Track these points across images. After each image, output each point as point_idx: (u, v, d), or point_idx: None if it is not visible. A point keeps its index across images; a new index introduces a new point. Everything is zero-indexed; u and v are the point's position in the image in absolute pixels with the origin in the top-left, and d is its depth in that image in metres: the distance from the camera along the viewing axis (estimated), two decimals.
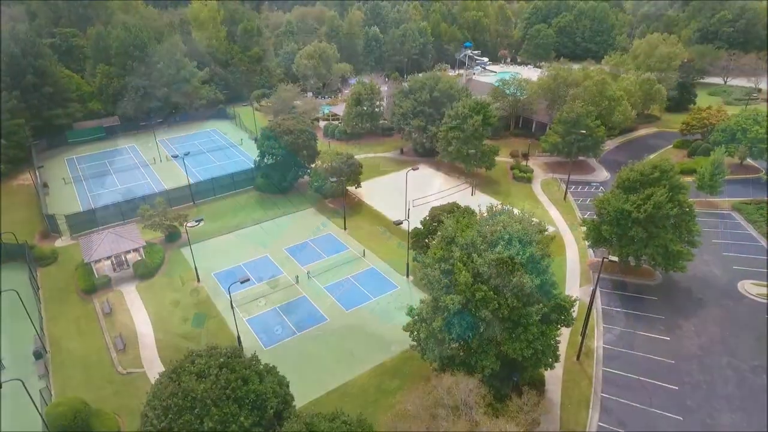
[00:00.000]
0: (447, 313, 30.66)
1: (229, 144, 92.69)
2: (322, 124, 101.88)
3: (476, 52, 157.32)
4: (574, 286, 50.48)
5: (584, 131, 70.73)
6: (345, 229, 62.00)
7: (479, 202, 67.97)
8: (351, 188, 69.45)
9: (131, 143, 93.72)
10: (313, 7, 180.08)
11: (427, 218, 51.18)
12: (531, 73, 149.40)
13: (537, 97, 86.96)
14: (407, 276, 52.70)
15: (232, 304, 42.80)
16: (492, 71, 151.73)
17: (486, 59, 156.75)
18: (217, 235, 61.57)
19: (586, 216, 64.51)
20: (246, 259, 56.51)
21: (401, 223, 48.03)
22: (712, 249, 55.32)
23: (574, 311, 33.33)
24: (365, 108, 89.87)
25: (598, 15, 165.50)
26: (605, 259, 37.37)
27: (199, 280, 52.25)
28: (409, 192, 65.50)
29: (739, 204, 65.25)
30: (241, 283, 39.33)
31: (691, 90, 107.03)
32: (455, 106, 72.89)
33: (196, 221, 49.53)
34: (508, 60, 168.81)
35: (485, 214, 34.61)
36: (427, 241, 50.35)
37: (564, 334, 41.39)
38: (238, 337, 42.61)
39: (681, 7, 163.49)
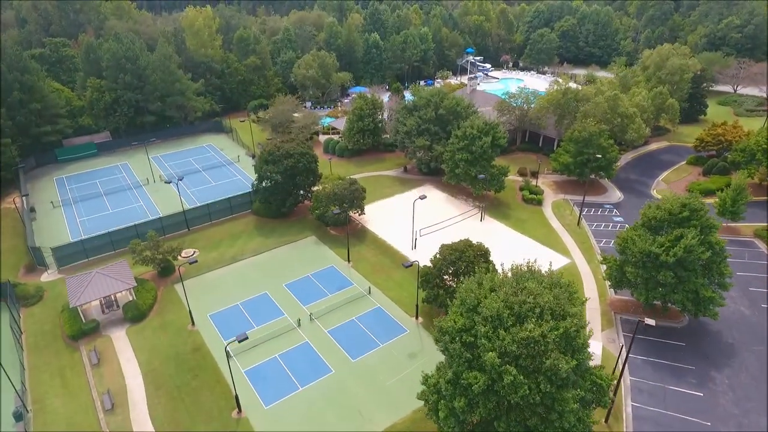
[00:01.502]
0: (470, 392, 27.42)
1: (225, 161, 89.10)
2: (321, 137, 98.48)
3: (478, 58, 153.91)
4: (594, 329, 47.21)
5: (599, 155, 67.50)
6: (348, 261, 58.62)
7: (489, 228, 65.14)
8: (354, 214, 65.95)
9: (124, 161, 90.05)
10: (311, 11, 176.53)
11: (438, 256, 47.82)
12: (534, 80, 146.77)
13: (545, 112, 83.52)
14: (416, 317, 49.38)
15: (228, 360, 39.53)
16: (494, 77, 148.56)
17: (488, 65, 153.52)
18: (214, 268, 58.07)
19: (601, 244, 62.23)
20: (244, 296, 53.05)
21: (411, 265, 44.65)
22: (737, 283, 52.03)
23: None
24: (367, 123, 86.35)
25: (601, 19, 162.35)
26: (641, 323, 33.68)
27: (193, 324, 48.83)
28: (414, 215, 62.11)
29: (761, 230, 62.11)
30: (239, 342, 35.95)
31: (702, 101, 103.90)
32: (462, 125, 69.51)
33: (190, 262, 46.03)
34: (510, 65, 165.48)
35: (509, 274, 31.29)
36: (438, 281, 47.10)
37: None
38: (236, 397, 39.22)
39: (687, 12, 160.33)
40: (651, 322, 32.74)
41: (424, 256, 57.30)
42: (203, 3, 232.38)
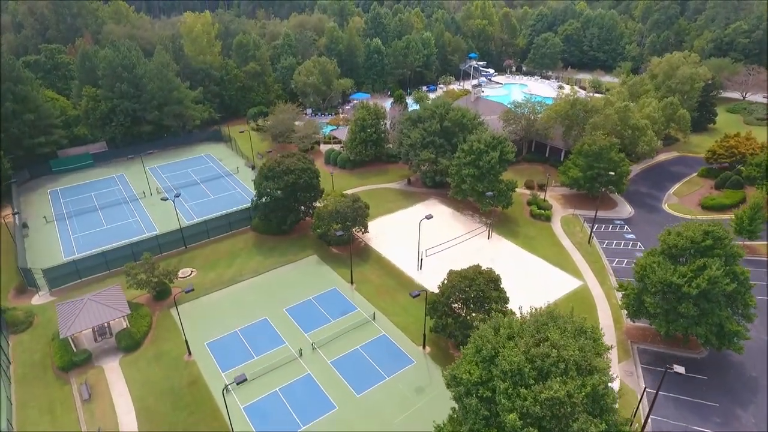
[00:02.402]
0: None
1: (224, 173, 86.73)
2: (322, 147, 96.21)
3: (481, 63, 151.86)
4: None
5: (612, 171, 65.31)
6: (352, 283, 56.37)
7: (497, 247, 62.92)
8: (357, 232, 63.57)
9: (120, 172, 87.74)
10: (311, 15, 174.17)
11: (446, 282, 45.59)
12: (538, 85, 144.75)
13: (553, 123, 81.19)
14: (423, 347, 47.12)
15: (225, 396, 37.33)
16: (498, 83, 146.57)
17: (491, 70, 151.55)
18: (211, 290, 55.79)
19: (613, 264, 59.98)
20: (243, 322, 50.81)
21: (419, 295, 42.41)
22: (758, 309, 49.62)
23: None
24: (369, 134, 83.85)
25: (606, 23, 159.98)
26: (670, 371, 31.09)
27: (190, 353, 46.60)
28: (420, 235, 59.81)
29: None
30: (238, 384, 33.75)
31: (711, 109, 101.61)
32: (469, 139, 67.29)
33: (186, 290, 43.74)
34: (513, 69, 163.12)
35: (528, 317, 29.07)
36: (446, 309, 44.87)
37: None
38: None
39: (693, 16, 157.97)
40: (680, 369, 30.48)
41: (430, 278, 55.53)
42: (203, 3, 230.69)
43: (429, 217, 55.41)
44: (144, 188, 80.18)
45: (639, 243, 64.06)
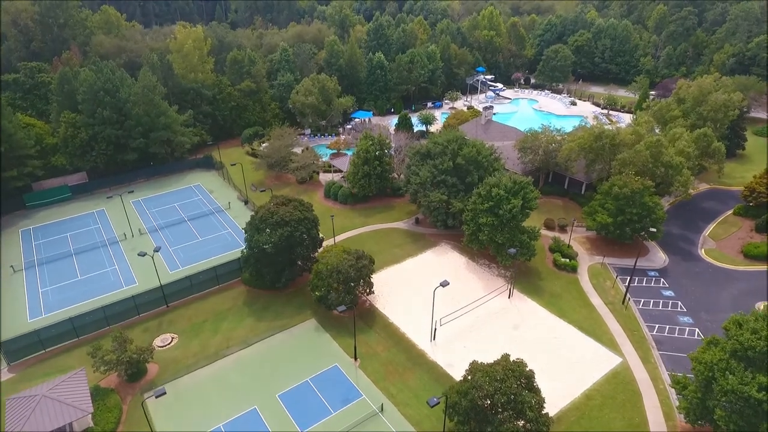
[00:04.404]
0: None
1: (214, 208, 79.07)
2: (322, 177, 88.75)
3: (489, 77, 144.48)
4: None
5: (654, 229, 58.08)
6: (355, 359, 48.98)
7: (519, 309, 55.58)
8: (361, 293, 55.97)
9: (100, 206, 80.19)
10: (310, 23, 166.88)
11: (469, 377, 38.26)
12: (548, 100, 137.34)
13: (576, 156, 73.79)
14: None
15: None
16: (506, 98, 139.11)
17: (500, 85, 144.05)
18: (193, 368, 48.29)
19: (653, 332, 52.58)
20: (229, 414, 43.37)
21: (437, 403, 34.99)
22: None
23: None
24: (373, 167, 76.38)
25: (619, 34, 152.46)
26: None
27: None
28: (430, 287, 52.07)
29: None
30: None
31: (741, 134, 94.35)
32: (486, 182, 59.87)
33: (157, 395, 36.25)
34: (522, 82, 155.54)
35: None
36: (469, 413, 37.48)
37: None
38: None
39: (711, 27, 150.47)
40: None
41: (444, 351, 50.21)
42: (199, 7, 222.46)
43: (444, 284, 47.82)
44: (125, 229, 72.69)
45: (679, 303, 56.70)
